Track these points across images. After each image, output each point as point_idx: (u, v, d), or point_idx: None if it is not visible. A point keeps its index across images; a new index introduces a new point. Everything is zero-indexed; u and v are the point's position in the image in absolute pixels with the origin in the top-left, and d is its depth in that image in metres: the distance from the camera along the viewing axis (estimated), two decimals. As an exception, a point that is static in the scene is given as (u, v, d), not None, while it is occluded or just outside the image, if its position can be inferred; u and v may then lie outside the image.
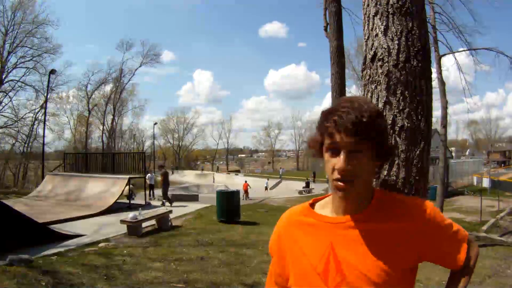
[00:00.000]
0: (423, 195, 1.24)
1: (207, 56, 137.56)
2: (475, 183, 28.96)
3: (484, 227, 12.85)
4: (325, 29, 7.50)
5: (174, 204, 14.41)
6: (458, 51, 13.65)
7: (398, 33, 1.25)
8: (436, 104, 12.39)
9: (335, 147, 0.97)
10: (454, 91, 31.81)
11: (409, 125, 1.21)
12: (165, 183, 15.25)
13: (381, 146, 0.99)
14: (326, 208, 1.12)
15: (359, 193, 1.00)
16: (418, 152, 1.21)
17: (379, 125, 0.99)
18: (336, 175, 0.97)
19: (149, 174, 18.79)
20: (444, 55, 13.15)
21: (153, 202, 15.87)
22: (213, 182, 41.59)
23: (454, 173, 25.93)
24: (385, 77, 1.24)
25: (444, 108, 12.50)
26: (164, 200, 14.82)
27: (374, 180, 1.22)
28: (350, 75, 41.33)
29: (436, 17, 12.76)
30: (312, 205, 1.17)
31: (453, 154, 43.23)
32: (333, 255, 1.01)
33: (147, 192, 17.32)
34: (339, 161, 0.96)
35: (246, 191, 27.28)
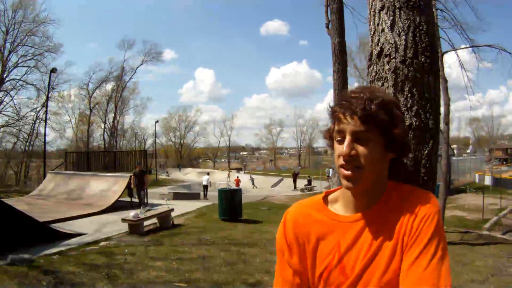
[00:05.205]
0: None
1: (208, 54, 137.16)
2: (477, 181, 28.85)
3: (487, 225, 12.79)
4: (327, 27, 7.47)
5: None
6: (460, 48, 13.54)
7: (405, 28, 1.20)
8: (439, 102, 12.33)
9: (341, 133, 0.94)
10: (457, 88, 31.88)
11: (417, 123, 1.17)
12: (141, 184, 13.88)
13: (391, 136, 0.94)
14: (338, 202, 1.07)
15: (368, 186, 0.95)
16: (426, 151, 1.17)
17: (391, 113, 0.95)
18: (340, 161, 0.93)
19: (206, 176, 22.61)
20: (446, 52, 13.04)
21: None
22: (228, 179, 40.61)
23: (456, 171, 25.79)
24: (392, 74, 1.19)
25: (447, 105, 12.42)
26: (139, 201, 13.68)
27: None
28: (352, 73, 41.42)
29: (438, 14, 12.66)
30: (325, 199, 1.10)
31: (455, 151, 43.14)
32: (338, 256, 0.97)
33: (202, 192, 19.97)
34: (343, 146, 0.92)
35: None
